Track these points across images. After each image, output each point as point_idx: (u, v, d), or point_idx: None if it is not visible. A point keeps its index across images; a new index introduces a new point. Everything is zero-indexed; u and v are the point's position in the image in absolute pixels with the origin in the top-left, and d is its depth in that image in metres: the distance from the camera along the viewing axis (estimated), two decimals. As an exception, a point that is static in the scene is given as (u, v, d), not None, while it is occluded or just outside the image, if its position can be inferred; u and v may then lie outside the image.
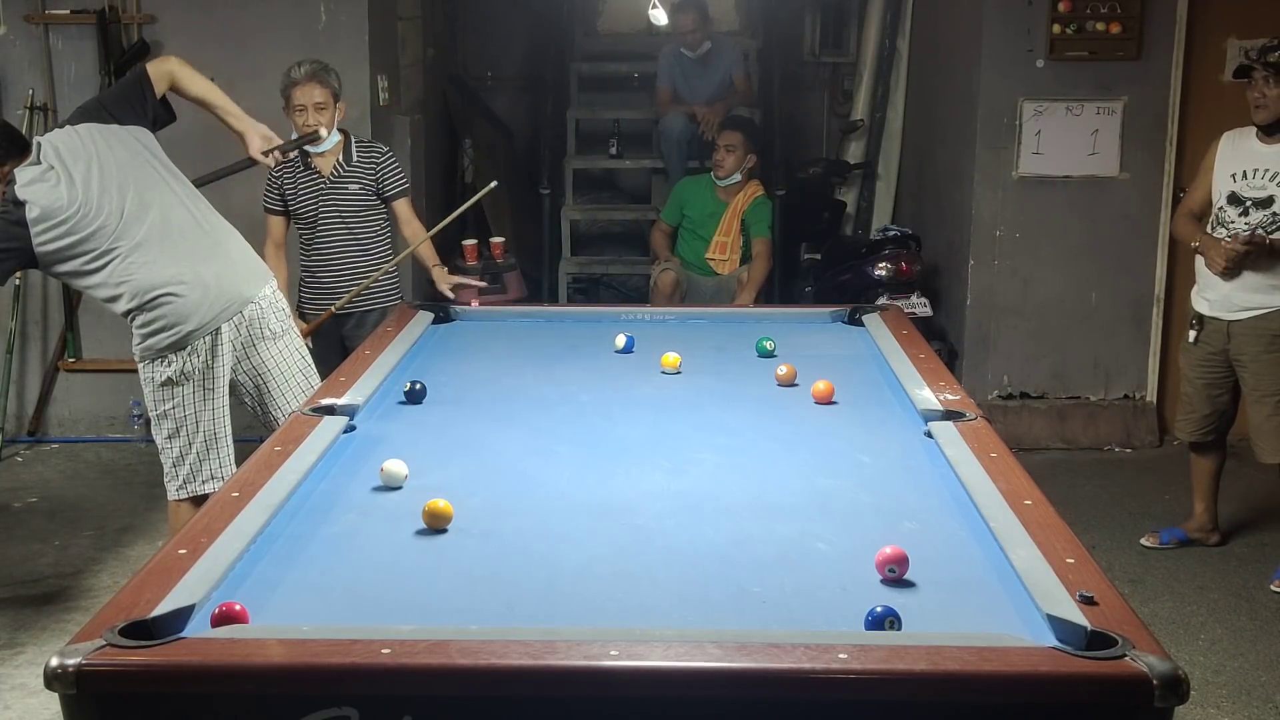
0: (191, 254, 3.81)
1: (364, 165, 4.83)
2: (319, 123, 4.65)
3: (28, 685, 3.76)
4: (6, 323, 5.94)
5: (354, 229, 4.84)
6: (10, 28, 5.86)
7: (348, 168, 4.81)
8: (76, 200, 3.68)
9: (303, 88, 4.67)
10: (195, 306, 3.77)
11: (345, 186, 4.80)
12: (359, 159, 4.83)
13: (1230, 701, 3.78)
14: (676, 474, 2.82)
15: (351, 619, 2.08)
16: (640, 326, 4.20)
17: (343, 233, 4.84)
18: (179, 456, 3.87)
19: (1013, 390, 6.22)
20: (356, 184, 4.81)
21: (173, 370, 3.80)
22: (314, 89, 4.67)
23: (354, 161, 4.82)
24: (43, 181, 3.67)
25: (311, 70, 4.70)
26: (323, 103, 4.68)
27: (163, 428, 3.87)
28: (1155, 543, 4.93)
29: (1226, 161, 4.67)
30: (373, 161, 4.84)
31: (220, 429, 3.90)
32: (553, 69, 7.80)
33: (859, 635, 1.98)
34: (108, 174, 3.74)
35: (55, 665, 1.82)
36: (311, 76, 4.69)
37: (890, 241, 6.49)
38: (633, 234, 7.69)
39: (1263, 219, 4.52)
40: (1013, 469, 2.69)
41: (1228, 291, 4.60)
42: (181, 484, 3.89)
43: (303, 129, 4.66)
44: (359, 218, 4.84)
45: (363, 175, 4.82)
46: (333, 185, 4.79)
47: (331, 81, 4.73)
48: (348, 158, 4.81)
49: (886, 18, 7.30)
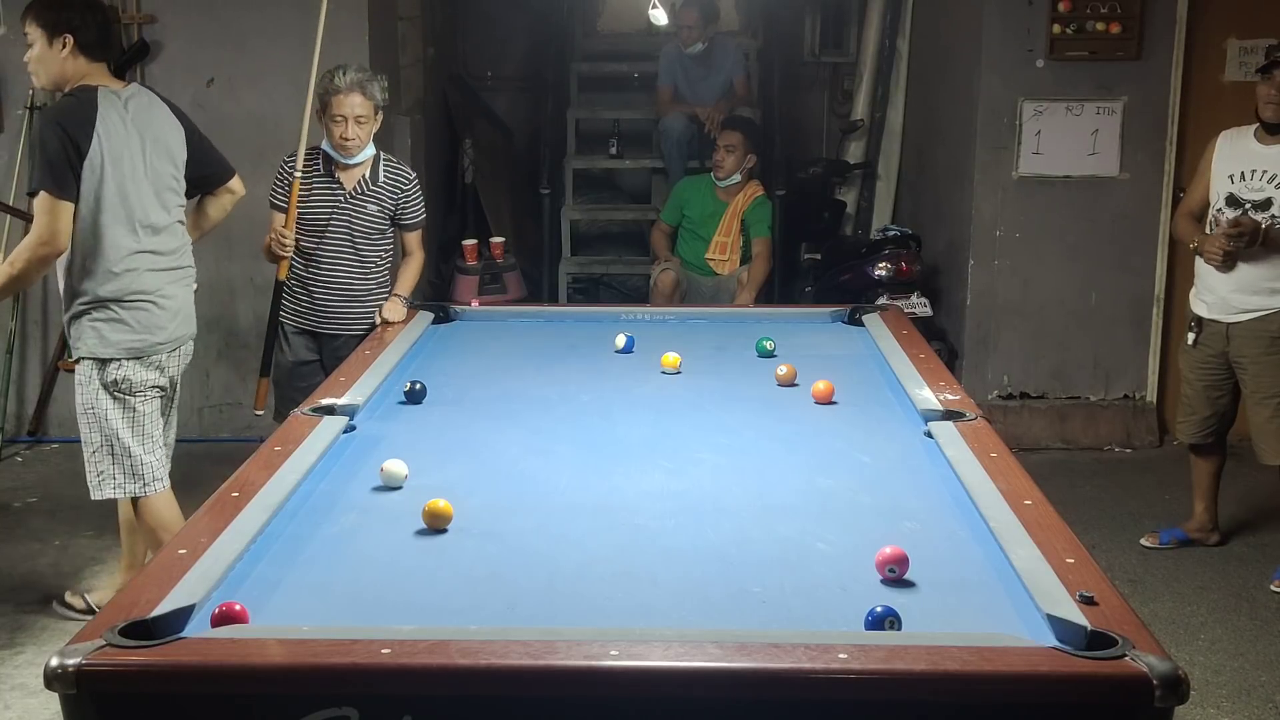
0: (183, 277, 3.98)
1: (388, 188, 4.46)
2: (357, 137, 4.34)
3: (28, 685, 3.76)
4: (6, 323, 5.94)
5: (361, 250, 4.47)
6: (10, 28, 5.85)
7: (372, 187, 4.44)
8: (126, 156, 3.76)
9: (344, 97, 4.31)
10: (167, 323, 3.89)
11: (364, 206, 4.43)
12: (385, 180, 4.46)
13: (1230, 701, 3.78)
14: (676, 474, 2.83)
15: (351, 619, 2.08)
16: (640, 326, 4.20)
17: (348, 252, 4.46)
18: (93, 455, 3.92)
19: (1013, 390, 6.22)
20: (376, 205, 4.45)
21: (119, 374, 3.84)
22: (356, 99, 4.32)
23: (380, 182, 4.45)
24: (115, 114, 3.75)
25: (357, 79, 4.32)
26: (364, 116, 4.33)
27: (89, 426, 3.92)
28: (1155, 543, 4.92)
29: (1225, 162, 4.65)
30: (398, 186, 4.47)
31: (136, 444, 3.92)
32: (553, 69, 7.79)
33: (859, 635, 1.99)
34: (155, 164, 3.85)
35: (55, 665, 1.83)
36: (356, 86, 4.32)
37: (890, 241, 6.49)
38: (633, 234, 7.69)
39: (1261, 221, 4.51)
40: (1013, 469, 2.69)
41: (1226, 294, 4.60)
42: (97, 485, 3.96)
43: (339, 141, 4.34)
44: (369, 240, 4.47)
45: (384, 198, 4.46)
46: (351, 202, 4.43)
47: (375, 92, 4.36)
48: (374, 176, 4.45)
49: (886, 18, 7.30)
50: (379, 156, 4.47)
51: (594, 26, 8.56)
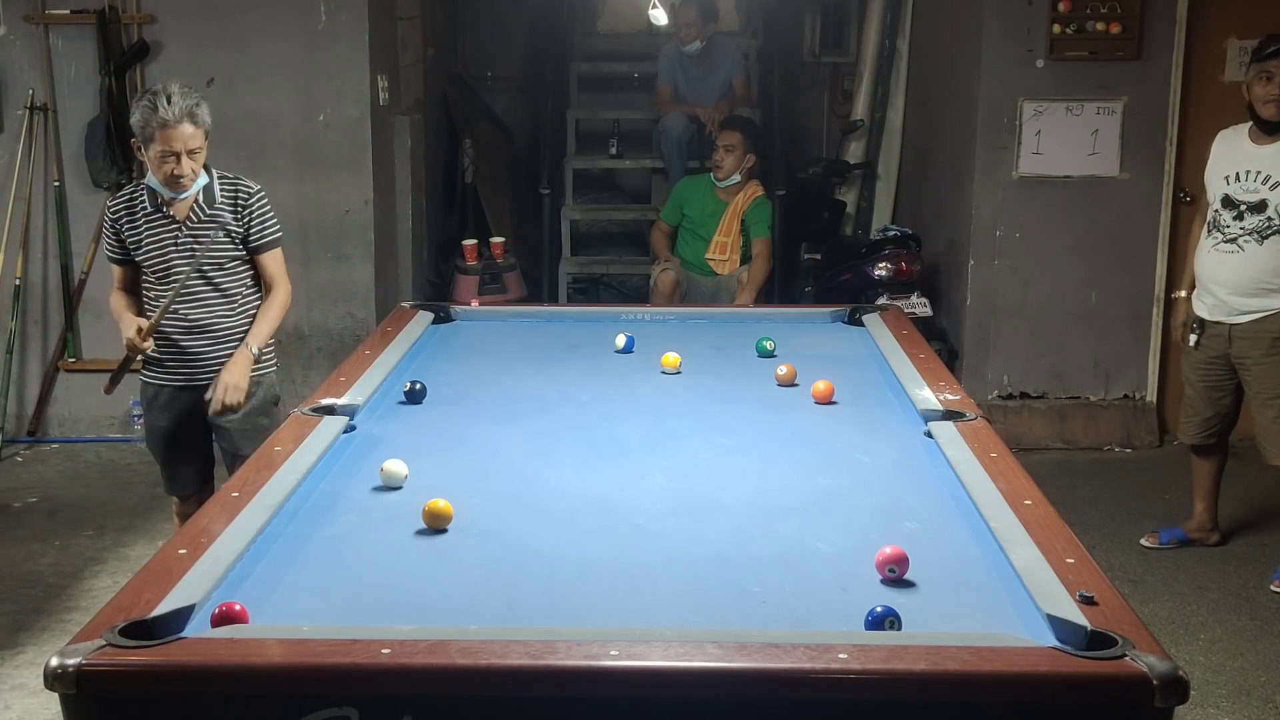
0: None
1: (227, 207, 3.83)
2: (191, 171, 3.72)
3: (28, 685, 3.76)
4: (6, 323, 5.94)
5: (218, 283, 3.85)
6: (10, 28, 5.86)
7: (209, 211, 3.81)
8: None
9: (174, 130, 3.64)
10: None
11: (205, 233, 3.79)
12: (223, 199, 3.83)
13: (1230, 701, 3.78)
14: (676, 474, 2.83)
15: (351, 619, 2.08)
16: (640, 326, 4.20)
17: (204, 289, 3.85)
18: None
19: (1013, 390, 6.22)
20: (219, 229, 3.81)
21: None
22: (187, 130, 3.66)
23: (217, 203, 3.82)
24: None
25: (185, 107, 3.65)
26: (197, 148, 3.70)
27: None
28: (1155, 543, 4.92)
29: (1220, 162, 4.64)
30: (237, 202, 3.84)
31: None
32: (553, 69, 7.80)
33: (859, 635, 1.99)
34: None
35: (55, 665, 1.83)
36: (185, 115, 3.65)
37: (890, 241, 6.49)
38: (633, 234, 7.69)
39: (1258, 223, 4.50)
40: (1013, 469, 2.69)
41: (1226, 295, 4.59)
42: None
43: (169, 179, 3.70)
44: (223, 271, 3.85)
45: (225, 219, 3.82)
46: (190, 232, 3.80)
47: (205, 116, 3.71)
48: (209, 199, 3.81)
49: (886, 18, 7.30)
50: (212, 174, 3.85)
51: (594, 26, 8.56)
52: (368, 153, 5.97)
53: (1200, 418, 4.80)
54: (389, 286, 6.30)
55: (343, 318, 6.09)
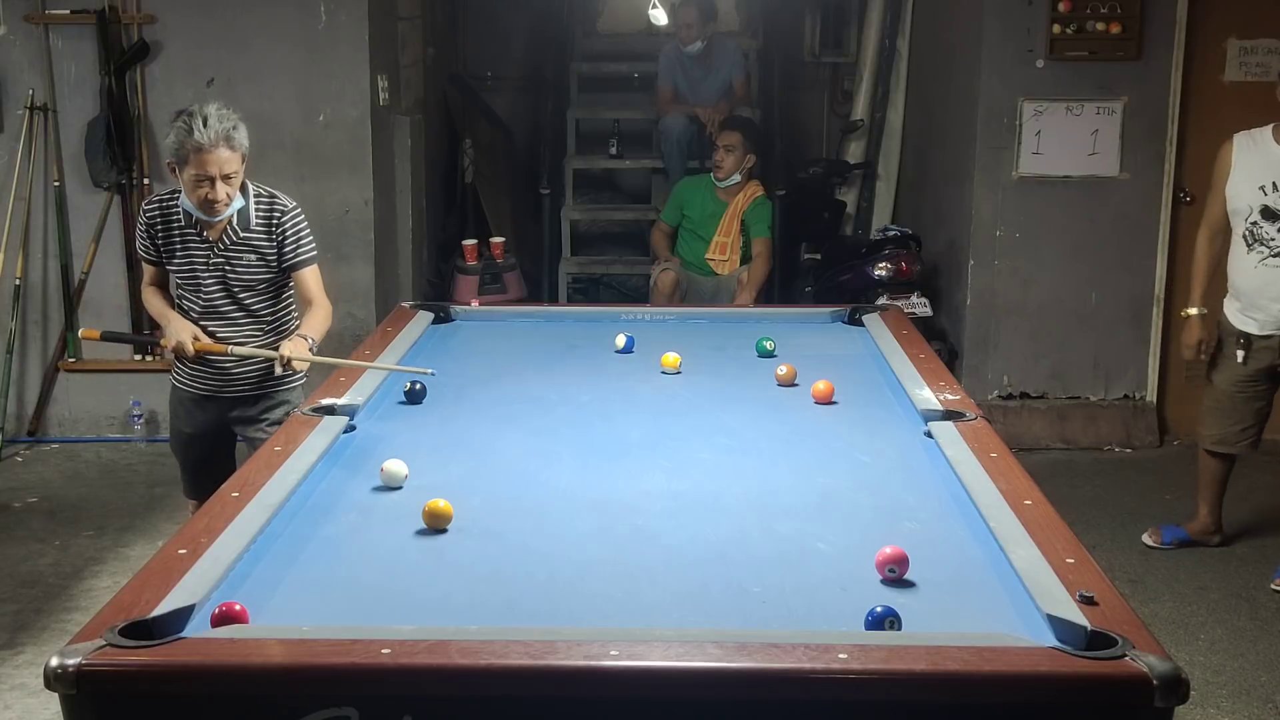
0: None
1: (261, 229, 3.72)
2: (226, 196, 3.59)
3: (28, 685, 3.76)
4: (6, 323, 5.94)
5: (248, 304, 3.80)
6: (10, 28, 5.86)
7: (242, 234, 3.71)
8: None
9: (210, 154, 3.50)
10: None
11: (239, 257, 3.72)
12: (258, 221, 3.72)
13: (1230, 701, 3.78)
14: (676, 474, 2.83)
15: (351, 619, 2.08)
16: (640, 326, 4.20)
17: (232, 309, 3.80)
18: None
19: (1013, 390, 6.22)
20: (252, 253, 3.73)
21: None
22: (224, 154, 3.53)
23: (251, 226, 3.72)
24: None
25: (221, 131, 3.51)
26: (233, 172, 3.57)
27: None
28: (1157, 540, 4.90)
29: (1251, 172, 4.49)
30: (271, 221, 3.73)
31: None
32: (553, 68, 7.80)
33: (859, 635, 1.99)
34: None
35: (55, 665, 1.83)
36: (222, 139, 3.51)
37: (890, 241, 6.49)
38: (633, 234, 7.69)
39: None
40: (1013, 469, 2.69)
41: (1278, 311, 4.50)
42: None
43: (203, 203, 3.59)
44: (253, 293, 3.79)
45: (258, 242, 3.73)
46: (222, 254, 3.72)
47: (242, 139, 3.57)
48: (244, 222, 3.70)
49: (886, 18, 7.30)
50: (248, 194, 3.72)
51: (594, 26, 8.56)
52: (368, 153, 5.97)
53: (1239, 427, 4.69)
54: (389, 286, 6.30)
55: (343, 318, 6.07)
